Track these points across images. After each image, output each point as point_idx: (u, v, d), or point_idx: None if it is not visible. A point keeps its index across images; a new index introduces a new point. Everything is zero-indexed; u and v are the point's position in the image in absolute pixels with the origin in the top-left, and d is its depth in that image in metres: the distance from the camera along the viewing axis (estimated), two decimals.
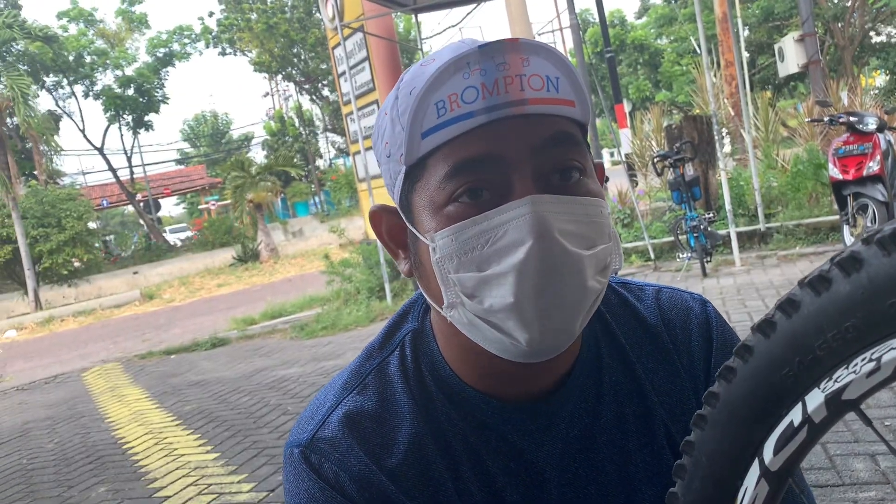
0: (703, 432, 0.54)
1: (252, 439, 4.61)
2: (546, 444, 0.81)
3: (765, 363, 0.49)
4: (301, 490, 0.78)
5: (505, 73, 0.66)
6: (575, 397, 0.82)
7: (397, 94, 0.72)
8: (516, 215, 0.67)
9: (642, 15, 36.62)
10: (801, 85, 24.79)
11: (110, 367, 8.73)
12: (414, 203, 0.73)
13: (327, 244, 18.61)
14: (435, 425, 0.80)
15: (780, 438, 0.48)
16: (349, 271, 9.63)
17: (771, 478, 0.50)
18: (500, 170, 0.68)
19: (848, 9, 22.17)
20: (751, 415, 0.50)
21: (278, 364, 6.87)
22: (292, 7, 30.67)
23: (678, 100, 25.98)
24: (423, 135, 0.68)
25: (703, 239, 6.80)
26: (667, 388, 0.85)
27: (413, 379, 0.82)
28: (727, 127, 11.94)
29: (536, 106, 0.68)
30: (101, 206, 33.59)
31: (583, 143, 0.73)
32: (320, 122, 36.85)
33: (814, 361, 0.46)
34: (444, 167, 0.69)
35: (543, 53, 0.68)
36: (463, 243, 0.69)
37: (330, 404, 0.83)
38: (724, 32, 14.55)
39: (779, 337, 0.48)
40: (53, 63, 25.99)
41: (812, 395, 0.46)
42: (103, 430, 5.66)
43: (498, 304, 0.68)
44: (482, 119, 0.67)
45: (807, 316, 0.46)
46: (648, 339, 0.87)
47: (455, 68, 0.66)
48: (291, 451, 0.80)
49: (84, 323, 15.43)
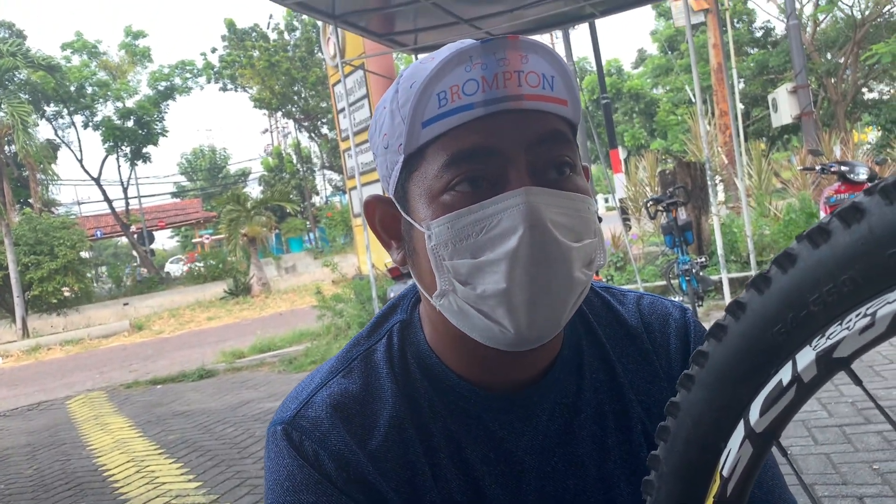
0: (689, 393, 0.53)
1: (235, 469, 4.53)
2: (526, 435, 0.82)
3: (757, 320, 0.48)
4: (281, 467, 0.79)
5: (504, 69, 0.69)
6: (555, 391, 0.83)
7: (397, 88, 0.74)
8: (511, 205, 0.69)
9: (639, 65, 37.19)
10: (794, 138, 25.12)
11: (95, 396, 8.61)
12: (410, 192, 0.75)
13: (320, 280, 18.55)
14: (416, 410, 0.81)
15: (767, 399, 0.47)
16: (340, 306, 9.59)
17: (755, 439, 0.48)
18: (497, 162, 0.71)
19: (841, 65, 22.59)
20: (739, 374, 0.49)
21: (265, 396, 6.80)
22: (294, 46, 31.08)
23: (672, 148, 26.23)
24: (423, 124, 0.70)
25: (696, 283, 6.81)
26: (645, 389, 0.87)
27: (398, 365, 0.84)
28: (721, 174, 12.06)
29: (532, 102, 0.70)
30: (94, 236, 33.52)
31: (573, 141, 0.75)
32: (318, 159, 37.08)
33: (807, 317, 0.45)
34: (442, 156, 0.71)
35: (541, 52, 0.71)
36: (458, 231, 0.71)
37: (315, 385, 0.84)
38: (719, 83, 14.78)
39: (773, 292, 0.47)
40: (55, 93, 26.16)
41: (803, 353, 0.45)
42: (84, 457, 5.57)
43: (490, 290, 0.70)
44: (480, 111, 0.69)
45: (803, 269, 0.45)
46: (629, 341, 0.89)
47: (458, 61, 0.69)
48: (274, 428, 0.81)
49: (71, 352, 15.27)
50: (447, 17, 7.66)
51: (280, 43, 31.07)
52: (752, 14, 27.70)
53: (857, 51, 21.44)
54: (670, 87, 31.19)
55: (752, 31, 27.77)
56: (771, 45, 26.61)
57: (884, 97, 25.06)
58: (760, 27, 28.03)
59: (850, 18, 22.74)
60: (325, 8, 7.33)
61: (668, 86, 31.56)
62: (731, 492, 0.51)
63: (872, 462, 3.08)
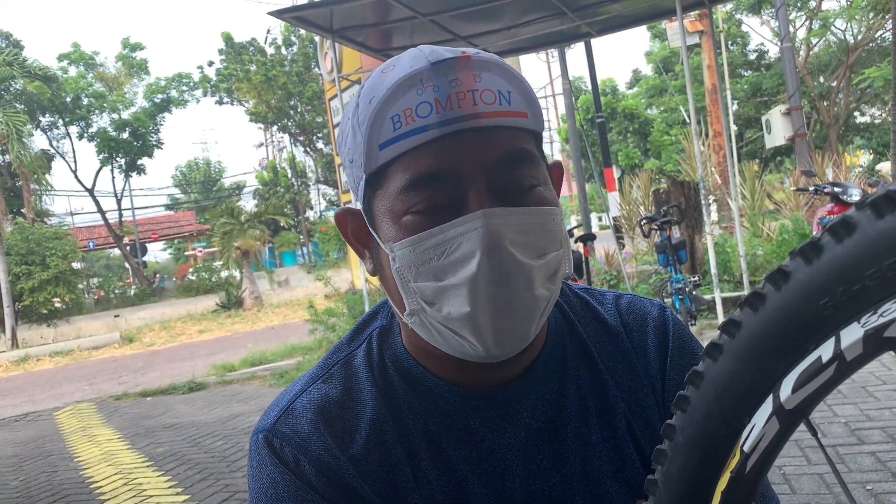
0: (714, 363, 0.51)
1: (224, 482, 4.49)
2: (508, 433, 0.82)
3: (801, 291, 0.45)
4: (264, 475, 0.79)
5: (457, 89, 0.69)
6: (538, 388, 0.84)
7: (358, 102, 0.74)
8: (469, 228, 0.69)
9: (633, 85, 37.40)
10: (787, 160, 25.29)
11: (83, 408, 8.54)
12: (375, 209, 0.75)
13: (313, 294, 18.49)
14: (396, 413, 0.82)
15: (802, 374, 0.45)
16: (333, 320, 9.55)
17: (784, 416, 0.46)
18: (456, 184, 0.71)
19: (833, 88, 22.79)
20: (774, 346, 0.47)
21: (255, 410, 6.75)
22: (291, 61, 31.16)
23: (666, 168, 26.37)
24: (380, 146, 0.70)
25: (689, 302, 6.81)
26: (627, 386, 0.87)
27: (377, 370, 0.85)
28: (714, 195, 12.11)
29: (490, 119, 0.70)
30: (87, 247, 33.40)
31: (536, 155, 0.75)
32: (313, 173, 37.09)
33: (860, 292, 0.42)
34: (401, 179, 0.71)
35: (494, 69, 0.71)
36: (420, 254, 0.71)
37: (296, 392, 0.85)
38: (714, 104, 14.88)
39: (823, 263, 0.44)
40: (50, 103, 26.12)
41: (849, 330, 0.42)
42: (71, 469, 5.51)
43: (455, 313, 0.71)
44: (436, 133, 0.69)
45: (862, 240, 0.42)
46: (609, 339, 0.90)
47: (409, 85, 0.69)
48: (256, 437, 0.82)
49: (60, 363, 15.15)
50: (444, 33, 7.71)
51: (277, 58, 31.15)
52: (746, 37, 27.95)
53: (850, 75, 21.66)
54: (664, 108, 31.39)
55: (745, 53, 28.02)
56: (764, 68, 26.84)
57: (875, 121, 25.28)
58: (754, 50, 28.28)
59: (842, 43, 23.00)
60: (323, 23, 7.37)
61: (663, 106, 31.76)
62: (749, 468, 0.49)
63: (866, 483, 3.07)
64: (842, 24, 22.77)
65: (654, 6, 7.89)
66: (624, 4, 7.62)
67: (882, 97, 21.50)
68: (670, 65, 29.68)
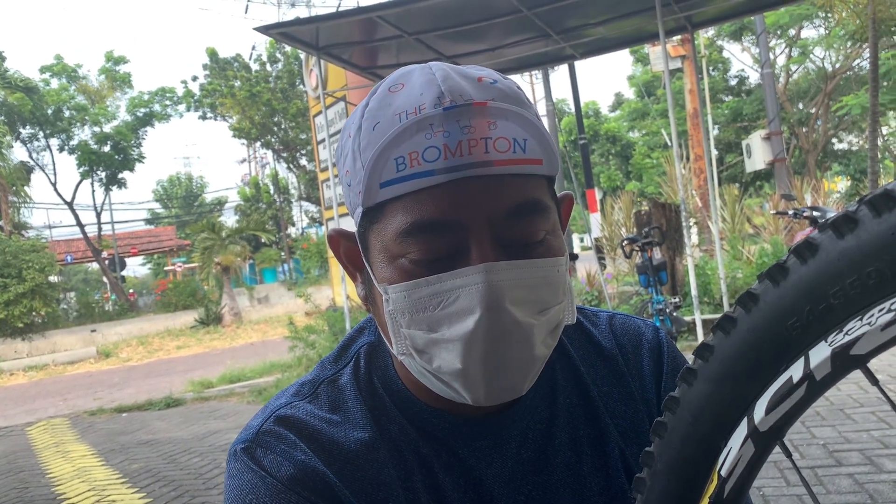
0: (690, 388, 0.51)
1: (200, 500, 4.42)
2: (496, 462, 0.79)
3: (770, 313, 0.45)
4: (243, 483, 0.74)
5: (469, 136, 0.64)
6: (527, 417, 0.81)
7: (361, 124, 0.69)
8: (469, 282, 0.66)
9: (616, 108, 37.81)
10: (766, 185, 25.59)
11: (57, 423, 8.40)
12: (371, 242, 0.72)
13: (293, 312, 18.37)
14: (387, 434, 0.79)
15: (774, 396, 0.45)
16: (313, 338, 9.49)
17: (758, 439, 0.46)
18: (458, 233, 0.67)
19: (812, 115, 23.15)
20: (746, 370, 0.47)
21: (233, 427, 6.67)
22: (276, 78, 31.18)
23: (647, 191, 26.60)
24: (381, 185, 0.66)
25: (669, 323, 6.84)
26: (621, 412, 0.85)
27: (365, 390, 0.81)
28: (695, 217, 12.21)
29: (501, 167, 0.66)
30: (65, 261, 33.01)
31: (547, 203, 0.70)
32: (295, 190, 37.01)
33: (826, 311, 0.42)
34: (401, 221, 0.67)
35: (512, 118, 0.66)
36: (415, 302, 0.68)
37: (280, 405, 0.81)
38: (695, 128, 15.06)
39: (790, 284, 0.44)
40: (31, 115, 25.91)
41: (817, 349, 0.43)
42: (43, 485, 5.40)
43: (446, 367, 0.68)
44: (442, 178, 0.65)
45: (825, 260, 0.42)
46: (603, 364, 0.87)
47: (417, 128, 0.65)
48: (235, 449, 0.77)
49: (34, 378, 14.92)
50: (430, 53, 7.75)
51: (262, 74, 31.16)
52: (727, 63, 28.39)
53: (828, 102, 22.01)
54: (646, 131, 31.74)
55: (726, 79, 28.45)
56: (745, 94, 27.26)
57: (853, 148, 25.70)
58: (735, 76, 28.73)
59: (821, 70, 23.40)
60: (309, 39, 7.39)
61: (644, 129, 32.12)
62: (728, 492, 0.49)
63: None
64: (820, 53, 23.21)
65: (638, 30, 7.99)
66: (608, 27, 7.71)
67: (859, 125, 21.89)
68: (652, 89, 30.04)
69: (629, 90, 35.39)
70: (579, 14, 7.34)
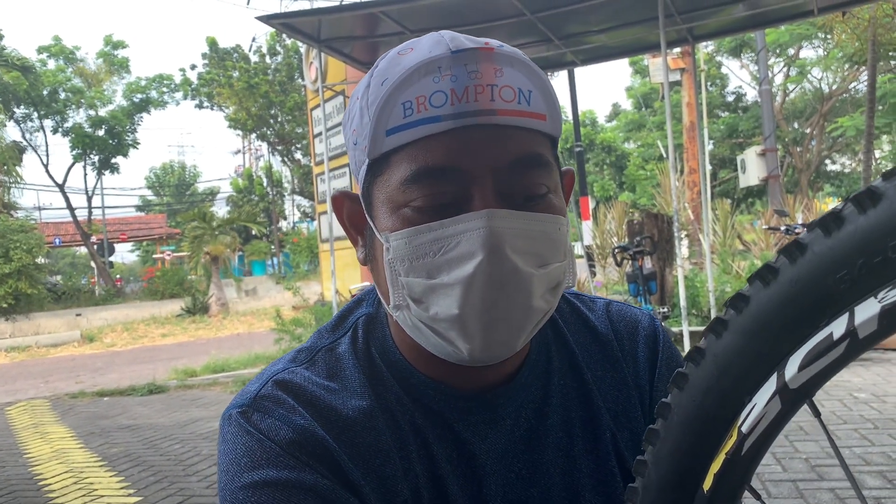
0: (718, 339, 0.49)
1: (178, 486, 4.39)
2: (489, 438, 0.79)
3: (818, 263, 0.43)
4: (238, 445, 0.72)
5: (476, 82, 0.65)
6: (521, 395, 0.81)
7: (369, 83, 0.70)
8: (471, 227, 0.66)
9: (612, 118, 37.97)
10: (758, 202, 25.72)
11: (37, 404, 8.33)
12: (374, 196, 0.72)
13: (280, 305, 18.32)
14: (384, 403, 0.78)
15: (810, 353, 0.43)
16: (299, 331, 9.45)
17: (787, 396, 0.44)
18: (462, 180, 0.67)
19: (807, 135, 23.30)
20: (783, 322, 0.45)
21: (215, 416, 6.63)
22: (275, 70, 31.12)
23: (640, 202, 26.69)
24: (387, 132, 0.67)
25: None
26: (613, 396, 0.85)
27: (363, 359, 0.81)
28: (686, 229, 12.26)
29: (505, 117, 0.67)
30: (53, 243, 32.82)
31: (550, 160, 0.71)
32: (289, 184, 36.93)
33: (881, 265, 0.40)
34: (406, 169, 0.68)
35: (518, 65, 0.68)
36: (416, 248, 0.68)
37: (276, 370, 0.79)
38: (691, 141, 15.12)
39: (844, 234, 0.42)
40: (26, 95, 25.78)
41: (865, 305, 0.40)
42: (20, 465, 5.36)
43: (443, 314, 0.68)
44: (448, 125, 0.66)
45: (887, 210, 0.40)
46: (598, 348, 0.88)
47: (425, 71, 0.65)
48: (230, 413, 0.75)
49: (16, 359, 14.79)
50: None
51: (261, 66, 31.10)
52: (725, 79, 28.55)
53: (823, 122, 22.16)
54: (642, 143, 31.84)
55: (724, 95, 28.60)
56: (741, 111, 27.39)
57: (846, 170, 25.88)
58: (732, 92, 28.89)
59: (817, 91, 23.56)
60: (311, 31, 7.37)
61: (640, 141, 32.22)
62: (746, 449, 0.47)
63: None
64: (818, 73, 23.36)
65: (640, 39, 8.01)
66: (610, 35, 7.73)
67: (853, 147, 22.04)
68: (650, 101, 30.17)
69: (627, 101, 35.53)
70: (582, 21, 7.36)
